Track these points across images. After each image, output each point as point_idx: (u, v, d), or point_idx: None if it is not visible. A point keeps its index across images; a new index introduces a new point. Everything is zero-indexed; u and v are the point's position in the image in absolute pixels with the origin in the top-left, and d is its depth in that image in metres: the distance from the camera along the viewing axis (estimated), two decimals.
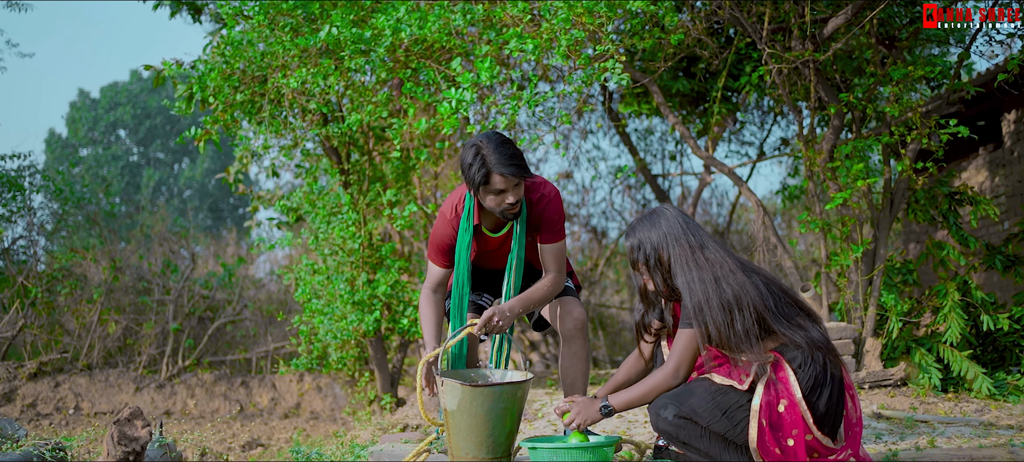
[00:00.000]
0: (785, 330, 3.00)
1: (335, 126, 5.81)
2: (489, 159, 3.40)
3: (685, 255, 3.09)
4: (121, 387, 10.15)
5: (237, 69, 5.84)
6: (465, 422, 3.34)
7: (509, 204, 3.49)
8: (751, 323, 2.97)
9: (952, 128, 5.36)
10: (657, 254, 3.15)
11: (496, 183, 3.44)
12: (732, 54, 6.82)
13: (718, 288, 2.99)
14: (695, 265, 3.06)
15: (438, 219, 3.78)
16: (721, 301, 2.97)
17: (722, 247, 3.15)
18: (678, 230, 3.15)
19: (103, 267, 10.73)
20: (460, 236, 3.69)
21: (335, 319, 6.17)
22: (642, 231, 3.21)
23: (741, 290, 2.98)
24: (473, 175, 3.43)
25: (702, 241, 3.13)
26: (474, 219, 3.67)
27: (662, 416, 3.04)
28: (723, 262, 3.05)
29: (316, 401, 10.48)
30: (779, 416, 2.93)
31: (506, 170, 3.39)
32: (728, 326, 2.95)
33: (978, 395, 5.50)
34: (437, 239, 3.76)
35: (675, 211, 3.22)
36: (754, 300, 2.98)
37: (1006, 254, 6.30)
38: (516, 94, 4.89)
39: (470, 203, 3.69)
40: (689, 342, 3.09)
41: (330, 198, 6.31)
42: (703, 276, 3.02)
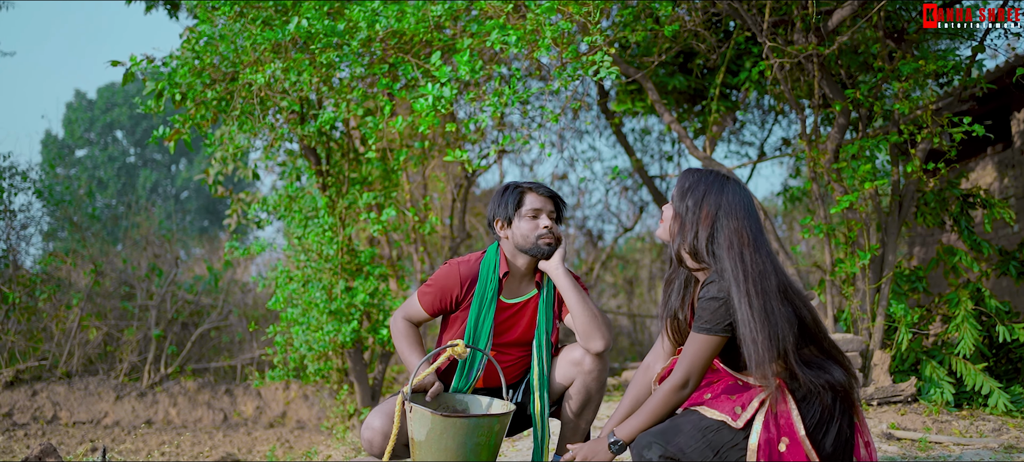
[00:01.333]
0: (801, 373, 2.57)
1: (307, 125, 5.47)
2: (522, 184, 3.40)
3: (740, 239, 2.64)
4: (101, 395, 9.83)
5: (208, 65, 5.50)
6: (432, 455, 2.97)
7: (545, 228, 3.31)
8: (775, 355, 2.55)
9: (966, 126, 5.01)
10: (703, 210, 2.70)
11: (531, 202, 3.36)
12: (731, 49, 6.47)
13: (766, 318, 2.53)
14: (740, 259, 2.60)
15: (449, 269, 3.43)
16: (770, 335, 2.52)
17: (774, 260, 2.67)
18: (742, 208, 2.69)
19: (84, 271, 10.38)
20: (479, 290, 3.37)
21: (311, 329, 5.83)
22: (704, 182, 2.75)
23: (787, 326, 2.56)
24: (506, 200, 3.38)
25: (758, 237, 2.67)
26: (502, 268, 3.38)
27: (646, 456, 2.60)
28: (769, 277, 2.60)
29: (302, 410, 10.16)
30: (780, 456, 2.52)
31: (541, 191, 3.37)
32: (767, 346, 2.51)
33: (994, 412, 5.15)
34: (436, 282, 3.42)
35: (744, 189, 2.76)
36: (786, 339, 2.55)
37: (1021, 260, 5.95)
38: (499, 90, 4.54)
39: (494, 255, 3.43)
40: (704, 350, 2.65)
41: (306, 201, 5.97)
42: (750, 288, 2.56)
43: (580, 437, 3.41)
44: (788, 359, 2.56)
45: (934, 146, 5.42)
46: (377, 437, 3.22)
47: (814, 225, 5.60)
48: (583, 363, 3.29)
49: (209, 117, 5.76)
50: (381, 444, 3.22)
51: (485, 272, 3.38)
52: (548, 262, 3.33)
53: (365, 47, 5.00)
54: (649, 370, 2.98)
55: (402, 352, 3.39)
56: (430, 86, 4.48)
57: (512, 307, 3.42)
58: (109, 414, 9.70)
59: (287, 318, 6.04)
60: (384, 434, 3.21)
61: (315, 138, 5.95)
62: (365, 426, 3.27)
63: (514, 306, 3.42)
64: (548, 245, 3.32)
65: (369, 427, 3.25)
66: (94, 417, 9.60)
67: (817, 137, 5.82)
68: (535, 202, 3.34)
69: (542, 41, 4.45)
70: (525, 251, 3.34)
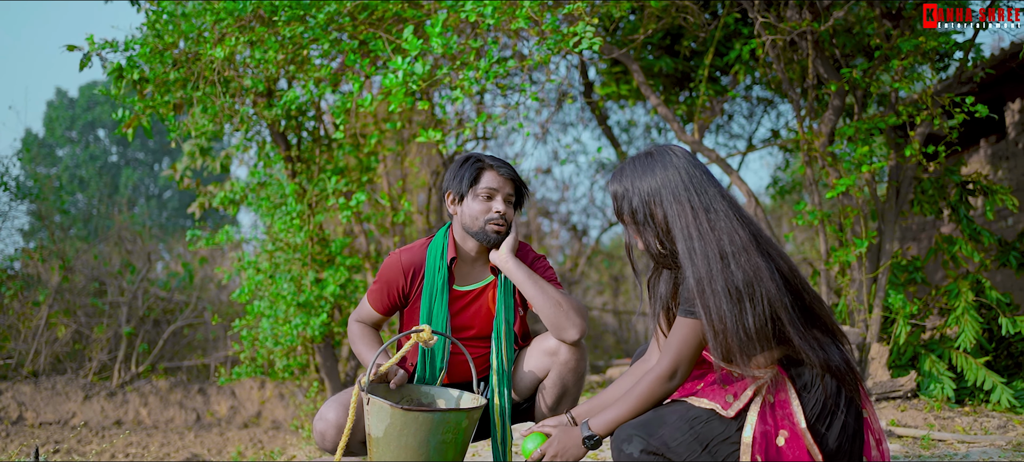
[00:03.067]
0: (800, 342, 2.24)
1: (270, 107, 5.16)
2: (483, 158, 3.04)
3: (685, 218, 2.31)
4: (69, 395, 9.48)
5: (170, 45, 5.19)
6: (391, 453, 2.64)
7: (497, 213, 2.95)
8: (764, 321, 2.20)
9: (969, 106, 4.74)
10: (648, 209, 2.38)
11: (487, 180, 2.98)
12: (720, 31, 6.19)
13: (724, 268, 2.22)
14: (697, 233, 2.28)
15: (388, 261, 3.10)
16: (728, 286, 2.21)
17: (736, 212, 2.33)
18: (681, 182, 2.35)
19: (52, 267, 10.03)
20: (429, 280, 3.03)
21: (279, 323, 5.51)
22: (633, 176, 2.42)
23: (755, 275, 2.21)
24: (462, 172, 3.02)
25: (710, 202, 2.33)
26: (450, 252, 3.04)
27: (626, 451, 2.29)
28: (734, 234, 2.27)
29: (278, 410, 9.83)
30: (778, 451, 2.21)
31: (502, 169, 3.01)
32: (737, 320, 2.19)
33: (997, 408, 4.88)
34: (381, 279, 3.10)
35: (683, 155, 2.41)
36: (770, 292, 2.21)
37: (1021, 250, 5.69)
38: (473, 64, 4.24)
39: (442, 239, 3.09)
40: (690, 335, 2.33)
41: (274, 188, 5.65)
42: (707, 250, 2.25)
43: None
44: (781, 324, 2.23)
45: (934, 128, 5.15)
46: (330, 430, 2.87)
47: (809, 212, 5.32)
48: (558, 353, 2.93)
49: (171, 101, 5.45)
50: (334, 438, 2.87)
51: (432, 259, 3.05)
52: (495, 253, 2.99)
53: (332, 21, 4.69)
54: (647, 363, 2.65)
55: (360, 353, 3.05)
56: (400, 60, 4.17)
57: (467, 296, 3.09)
58: (77, 414, 9.36)
59: (254, 311, 5.72)
60: (338, 427, 2.86)
61: (282, 121, 5.64)
62: (318, 417, 2.91)
63: (469, 294, 3.09)
64: (496, 233, 2.98)
65: (322, 419, 2.90)
66: (61, 417, 9.25)
67: (811, 118, 5.54)
68: (492, 181, 2.98)
69: (520, 11, 4.15)
70: (472, 235, 3.02)
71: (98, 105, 34.57)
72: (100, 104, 34.56)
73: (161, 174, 34.81)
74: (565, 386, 2.96)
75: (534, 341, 3.04)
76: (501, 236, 3.00)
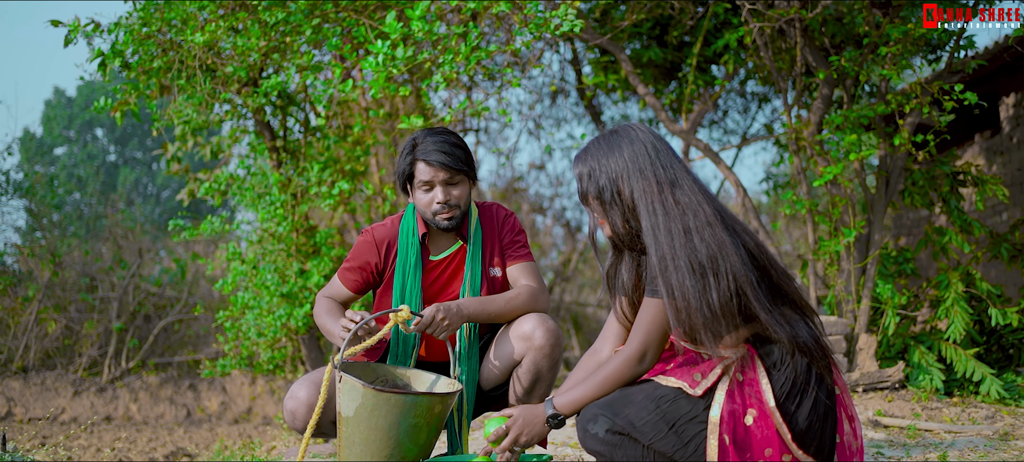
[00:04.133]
0: (767, 318, 2.18)
1: (252, 95, 5.10)
2: (419, 146, 2.91)
3: (651, 194, 2.26)
4: (58, 391, 9.43)
5: (155, 31, 5.14)
6: (360, 434, 2.59)
7: (439, 203, 2.88)
8: (729, 297, 2.15)
9: (958, 94, 4.69)
10: (615, 187, 2.32)
11: (420, 174, 2.89)
12: (709, 20, 6.14)
13: (688, 242, 2.17)
14: (662, 208, 2.23)
15: (363, 238, 3.05)
16: (690, 261, 2.16)
17: (701, 187, 2.29)
18: (646, 157, 2.30)
19: (42, 263, 9.98)
20: (401, 255, 2.98)
21: (262, 313, 5.45)
22: (598, 155, 2.37)
23: (719, 250, 2.16)
24: (402, 166, 2.97)
25: (675, 177, 2.28)
26: (420, 228, 2.99)
27: (591, 431, 2.25)
28: (699, 209, 2.22)
29: (269, 405, 9.77)
30: (746, 431, 2.16)
31: (432, 157, 2.87)
32: (700, 296, 2.14)
33: (986, 399, 4.83)
34: (355, 256, 3.04)
35: (646, 132, 2.37)
36: (734, 267, 2.16)
37: (1013, 242, 5.64)
38: (453, 48, 4.18)
39: (412, 215, 3.04)
40: (658, 315, 2.27)
41: (257, 178, 5.59)
42: (671, 225, 2.20)
43: None
44: (746, 299, 2.18)
45: (924, 118, 5.10)
46: (301, 409, 2.81)
47: (796, 201, 5.26)
48: (533, 337, 2.86)
49: (154, 87, 5.40)
50: (305, 417, 2.80)
51: (404, 235, 3.00)
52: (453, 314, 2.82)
53: (315, 7, 4.64)
54: (596, 355, 2.59)
55: (326, 327, 2.96)
56: (381, 43, 4.12)
57: (440, 264, 3.04)
58: (66, 410, 9.31)
59: (239, 302, 5.67)
60: (309, 406, 2.79)
61: (267, 109, 5.59)
62: (288, 396, 2.85)
63: (442, 262, 3.04)
64: (447, 221, 2.92)
65: (293, 397, 2.83)
66: (51, 413, 9.20)
67: (800, 106, 5.49)
68: (424, 174, 2.89)
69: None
70: (426, 222, 2.98)
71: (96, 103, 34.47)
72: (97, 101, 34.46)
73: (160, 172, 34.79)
74: (539, 372, 2.89)
75: (511, 325, 2.96)
76: (453, 222, 2.93)
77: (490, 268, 3.05)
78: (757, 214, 5.69)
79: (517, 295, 2.94)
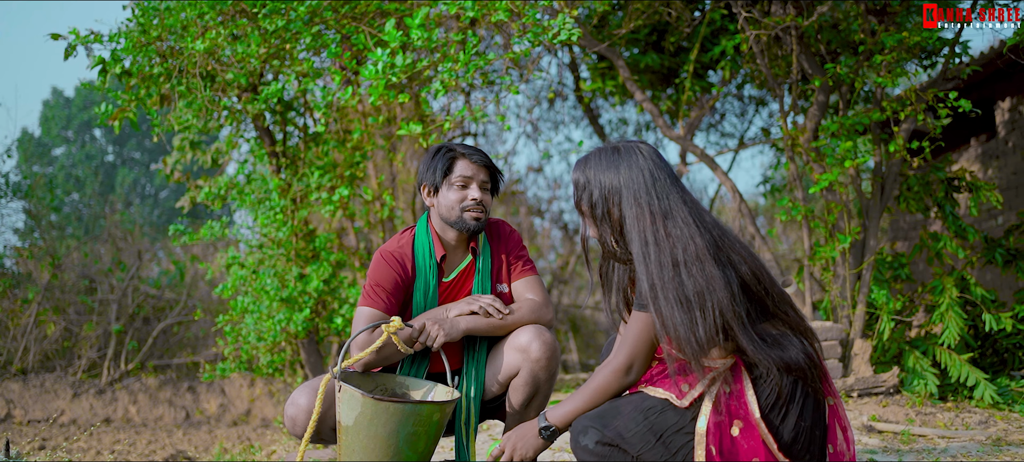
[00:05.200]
0: (752, 350, 2.21)
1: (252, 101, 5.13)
2: (455, 147, 3.02)
3: (643, 223, 2.29)
4: (57, 393, 9.45)
5: (155, 39, 5.17)
6: (360, 443, 2.63)
7: (473, 200, 2.93)
8: (715, 331, 2.19)
9: (952, 102, 4.73)
10: (607, 205, 2.37)
11: (461, 169, 2.96)
12: (705, 27, 6.17)
13: (676, 276, 2.20)
14: (653, 239, 2.26)
15: (377, 262, 3.01)
16: (678, 295, 2.20)
17: (696, 219, 2.31)
18: (642, 184, 2.33)
19: (42, 265, 10.00)
20: (420, 279, 3.00)
21: (262, 318, 5.48)
22: (597, 169, 2.40)
23: (707, 285, 2.20)
24: (435, 164, 3.01)
25: (670, 207, 2.30)
26: (438, 250, 3.02)
27: (582, 443, 2.28)
28: (689, 242, 2.25)
29: (268, 408, 9.79)
30: (733, 442, 2.20)
31: (474, 157, 2.99)
32: (688, 329, 2.18)
33: (980, 404, 4.87)
34: (380, 277, 2.98)
35: (650, 155, 2.39)
36: (721, 302, 2.19)
37: (1007, 248, 5.68)
38: (453, 56, 4.22)
39: (426, 237, 3.05)
40: (645, 329, 2.32)
41: (257, 183, 5.63)
42: (661, 257, 2.23)
43: None
44: (732, 332, 2.22)
45: (918, 124, 5.14)
46: (301, 416, 2.84)
47: (792, 206, 5.30)
48: (530, 350, 2.87)
49: (155, 94, 5.43)
50: (305, 423, 2.83)
51: (421, 257, 3.02)
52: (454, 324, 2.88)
53: (315, 15, 4.67)
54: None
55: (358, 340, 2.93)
56: (379, 51, 4.15)
57: (452, 284, 3.07)
58: (65, 412, 9.33)
59: (238, 306, 5.70)
60: (309, 412, 2.82)
61: (267, 115, 5.62)
62: (289, 403, 2.88)
63: (453, 282, 3.07)
64: (475, 220, 2.96)
65: (293, 404, 2.86)
66: (50, 415, 9.22)
67: (796, 113, 5.53)
68: (466, 169, 2.96)
69: (500, 4, 4.13)
70: (450, 224, 3.00)
71: (94, 105, 34.39)
72: (96, 104, 34.39)
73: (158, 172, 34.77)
74: (537, 384, 2.91)
75: (507, 338, 2.98)
76: (480, 223, 2.98)
77: (498, 284, 3.08)
78: (753, 219, 5.73)
79: (519, 307, 2.97)
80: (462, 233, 3.03)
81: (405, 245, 3.05)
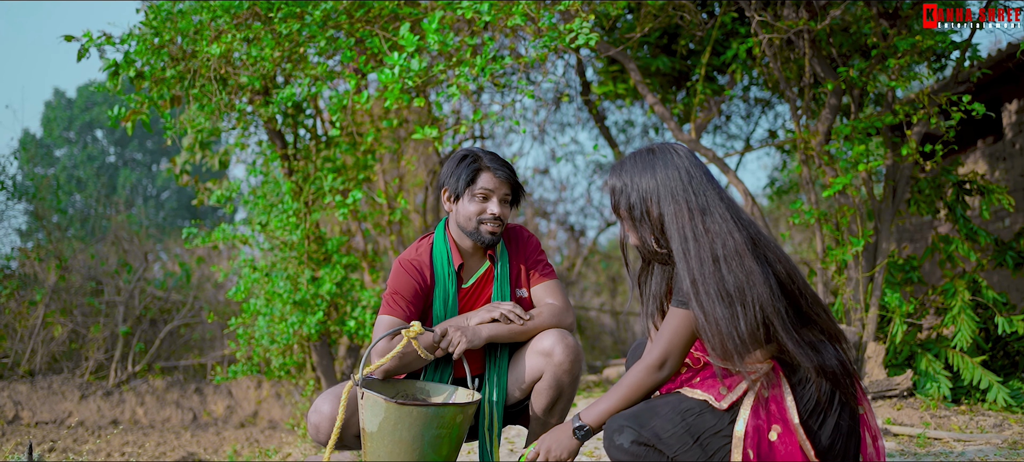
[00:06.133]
0: (792, 347, 2.23)
1: (270, 106, 5.15)
2: (481, 158, 3.01)
3: (682, 219, 2.30)
4: (65, 395, 9.46)
5: (167, 42, 5.19)
6: (385, 448, 2.64)
7: (492, 215, 2.94)
8: (756, 326, 2.20)
9: (965, 105, 4.74)
10: (645, 206, 2.37)
11: (483, 182, 2.96)
12: (717, 30, 6.18)
13: (716, 271, 2.22)
14: (692, 235, 2.28)
15: (397, 269, 3.04)
16: (719, 290, 2.21)
17: (734, 214, 2.33)
18: (680, 182, 2.34)
19: (49, 267, 10.01)
20: (439, 287, 3.01)
21: (274, 320, 5.50)
22: (633, 172, 2.41)
23: (746, 280, 2.21)
24: (459, 172, 3.00)
25: (707, 204, 2.32)
26: (456, 258, 3.03)
27: (617, 442, 2.28)
28: (728, 238, 2.26)
29: (275, 409, 9.81)
30: (770, 446, 2.21)
31: (499, 172, 2.98)
32: (730, 324, 2.19)
33: (993, 407, 4.88)
34: (399, 285, 3.00)
35: (685, 154, 2.41)
36: (761, 297, 2.21)
37: (1018, 250, 5.68)
38: (469, 61, 4.23)
39: (444, 245, 3.06)
40: (682, 325, 2.32)
41: (270, 186, 5.64)
42: (701, 252, 2.25)
43: None
44: (774, 330, 2.23)
45: (931, 128, 5.15)
46: (325, 423, 2.85)
47: (806, 211, 5.31)
48: (553, 354, 2.89)
49: (168, 96, 5.44)
50: (328, 430, 2.84)
51: (440, 265, 3.03)
52: (473, 331, 2.88)
53: (329, 18, 4.68)
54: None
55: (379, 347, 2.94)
56: (397, 55, 4.16)
57: (471, 290, 3.08)
58: (73, 414, 9.34)
59: (250, 309, 5.71)
60: (333, 419, 2.84)
61: (278, 118, 5.64)
62: (312, 410, 2.90)
63: (471, 288, 3.08)
64: (491, 235, 2.97)
65: (317, 411, 2.88)
66: (57, 417, 9.23)
67: (808, 117, 5.54)
68: (488, 183, 2.96)
69: (516, 8, 4.14)
70: (467, 234, 3.01)
71: (96, 105, 34.49)
72: (98, 104, 34.50)
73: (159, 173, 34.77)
74: (561, 388, 2.92)
75: (529, 343, 2.99)
76: (495, 237, 2.99)
77: (517, 289, 3.09)
78: (764, 221, 5.74)
79: (539, 313, 2.98)
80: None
81: (423, 253, 3.06)
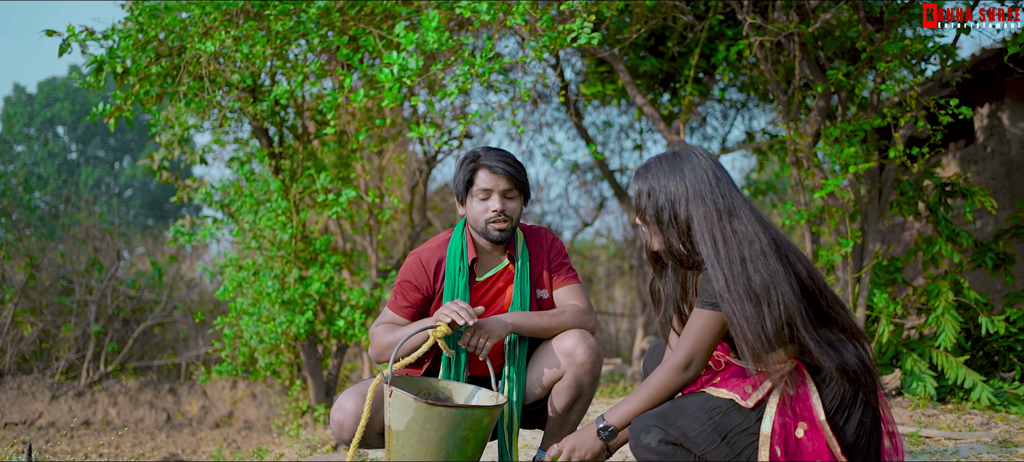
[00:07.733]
0: (815, 349, 2.26)
1: (259, 103, 5.10)
2: (482, 156, 2.99)
3: (710, 221, 2.33)
4: (35, 395, 9.30)
5: (153, 38, 5.11)
6: (412, 447, 2.62)
7: (494, 212, 2.92)
8: (780, 325, 2.24)
9: (953, 108, 4.82)
10: (673, 210, 2.39)
11: (481, 181, 2.95)
12: (705, 32, 6.23)
13: (743, 271, 2.25)
14: (721, 236, 2.30)
15: (409, 260, 3.06)
16: (746, 289, 2.24)
17: (757, 217, 2.37)
18: (707, 184, 2.37)
19: (18, 265, 9.83)
20: (449, 280, 3.01)
21: (262, 320, 5.45)
22: (660, 175, 2.42)
23: (772, 280, 2.24)
24: (460, 175, 3.01)
25: (732, 206, 2.35)
26: (470, 253, 3.02)
27: (644, 441, 2.30)
28: (755, 239, 2.29)
29: (250, 410, 9.73)
30: (797, 443, 2.23)
31: (496, 167, 2.94)
32: (758, 323, 2.22)
33: (978, 405, 4.96)
34: (406, 282, 3.03)
35: (707, 159, 2.43)
36: (786, 297, 2.24)
37: (996, 252, 5.79)
38: (467, 60, 4.22)
39: (461, 239, 3.06)
40: (708, 326, 2.34)
41: (258, 185, 5.59)
42: (729, 253, 2.27)
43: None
44: (796, 330, 2.26)
45: (918, 130, 5.23)
46: (349, 420, 2.84)
47: (796, 212, 5.36)
48: (575, 354, 2.89)
49: (153, 94, 5.36)
50: (352, 428, 2.83)
51: (453, 257, 3.03)
52: (501, 325, 2.89)
53: (324, 16, 4.65)
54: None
55: (393, 339, 2.95)
56: (395, 55, 4.14)
57: (486, 283, 3.07)
58: (44, 414, 9.19)
59: (236, 308, 5.65)
60: (357, 417, 2.82)
61: (267, 117, 5.58)
62: (336, 407, 2.89)
63: (487, 281, 3.07)
64: (499, 231, 2.96)
65: (341, 409, 2.87)
66: (27, 418, 9.08)
67: (797, 119, 5.60)
68: (486, 181, 2.95)
69: (517, 8, 4.14)
70: (479, 233, 3.01)
71: (57, 101, 33.93)
72: (59, 100, 33.94)
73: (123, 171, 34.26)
74: (581, 387, 2.93)
75: (550, 342, 2.99)
76: (504, 234, 2.98)
77: (537, 290, 3.08)
78: None
79: (562, 312, 2.98)
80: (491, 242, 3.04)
81: (441, 246, 3.07)
